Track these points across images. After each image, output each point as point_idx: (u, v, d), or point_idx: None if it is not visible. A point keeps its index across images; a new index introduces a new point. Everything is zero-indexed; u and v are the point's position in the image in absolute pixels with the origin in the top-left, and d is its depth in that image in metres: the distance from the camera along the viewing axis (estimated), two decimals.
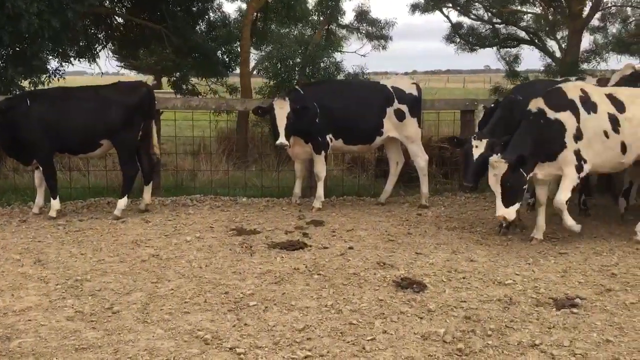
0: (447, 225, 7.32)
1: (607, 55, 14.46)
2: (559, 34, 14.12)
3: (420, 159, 8.43)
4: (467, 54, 15.43)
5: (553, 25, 13.75)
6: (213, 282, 5.36)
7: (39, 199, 7.95)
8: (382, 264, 5.81)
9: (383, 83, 8.64)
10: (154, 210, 8.11)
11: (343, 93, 8.32)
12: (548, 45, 13.90)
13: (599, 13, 13.93)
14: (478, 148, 6.63)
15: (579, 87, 6.56)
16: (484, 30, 15.08)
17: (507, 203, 6.24)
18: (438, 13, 14.69)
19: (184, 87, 14.38)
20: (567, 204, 6.44)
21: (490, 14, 14.32)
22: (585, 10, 12.59)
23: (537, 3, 13.93)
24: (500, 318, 4.59)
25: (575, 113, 6.34)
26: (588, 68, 14.18)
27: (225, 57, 13.94)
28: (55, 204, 7.71)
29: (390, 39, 16.19)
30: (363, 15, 15.98)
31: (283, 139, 7.58)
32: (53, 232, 7.06)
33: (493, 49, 15.00)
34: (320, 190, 8.23)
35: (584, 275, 5.56)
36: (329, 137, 8.11)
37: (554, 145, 6.35)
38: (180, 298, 4.98)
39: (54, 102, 7.65)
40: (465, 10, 14.25)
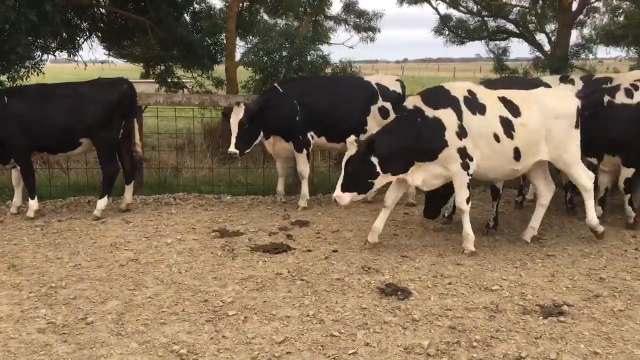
0: (434, 226, 7.20)
1: (595, 48, 14.34)
2: (548, 27, 13.97)
3: None
4: (475, 44, 15.20)
5: (541, 19, 13.58)
6: (192, 288, 5.21)
7: (17, 199, 7.75)
8: (366, 269, 5.68)
9: (367, 79, 8.46)
10: (136, 210, 7.93)
11: (325, 90, 8.14)
12: (537, 39, 13.74)
13: (588, 6, 13.77)
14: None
15: (466, 87, 6.20)
16: (473, 23, 14.92)
17: (344, 187, 5.95)
18: (426, 5, 14.51)
19: (169, 79, 14.10)
20: (469, 203, 6.13)
21: (479, 7, 14.14)
22: (575, 4, 12.45)
23: None
24: (486, 328, 4.48)
25: (457, 111, 5.99)
26: (577, 62, 14.08)
27: (211, 49, 13.65)
28: (33, 204, 7.51)
29: (379, 31, 16.00)
30: (351, 7, 15.76)
31: (232, 148, 7.59)
32: (30, 234, 6.87)
33: (482, 42, 14.90)
34: (305, 189, 8.08)
35: (572, 280, 5.46)
36: (311, 134, 7.95)
37: (433, 144, 6.00)
38: (158, 307, 4.83)
39: (32, 100, 7.43)
40: (454, 3, 14.07)
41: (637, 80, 7.08)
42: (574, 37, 14.17)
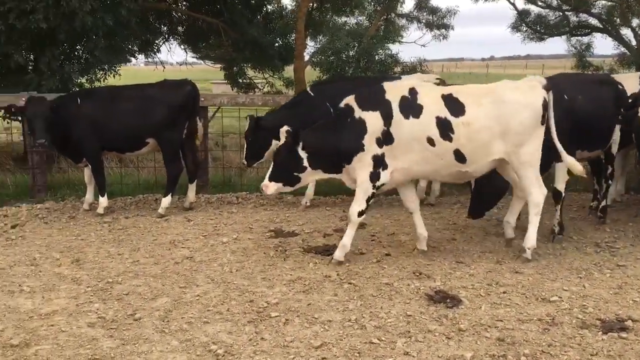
0: (496, 231, 6.90)
1: None
2: (635, 22, 13.12)
3: None
4: (549, 39, 14.55)
5: (627, 12, 12.77)
6: (240, 288, 5.25)
7: (89, 196, 8.10)
8: (418, 274, 5.52)
9: (405, 78, 8.14)
10: (198, 208, 8.11)
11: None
12: (623, 34, 12.93)
13: None
14: None
15: (408, 87, 5.72)
16: (554, 18, 14.23)
17: (271, 176, 5.82)
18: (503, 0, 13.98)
19: (241, 80, 14.39)
20: (361, 217, 5.78)
21: (560, 1, 13.47)
22: None
23: None
24: (538, 341, 4.23)
25: (386, 115, 5.58)
26: None
27: (281, 50, 13.82)
28: (103, 202, 7.84)
29: (452, 28, 15.60)
30: (423, 4, 15.45)
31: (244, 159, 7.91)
32: (97, 229, 7.17)
33: (563, 38, 14.20)
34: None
35: None
36: None
37: (352, 146, 5.65)
38: (204, 305, 4.89)
39: (103, 101, 7.74)
40: None
41: None
42: None
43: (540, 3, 13.83)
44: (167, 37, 15.50)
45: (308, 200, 8.10)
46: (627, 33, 13.12)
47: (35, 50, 9.50)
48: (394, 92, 5.67)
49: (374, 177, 5.64)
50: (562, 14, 14.08)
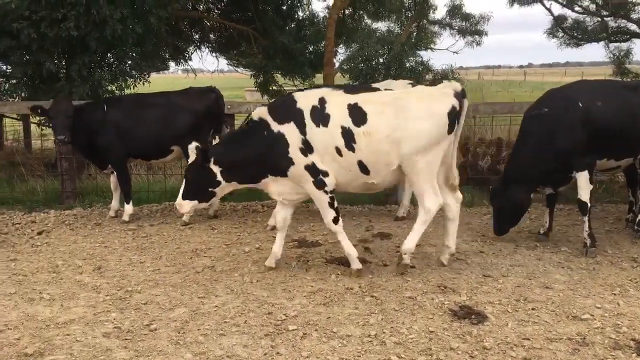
0: (527, 244, 6.66)
1: None
2: None
3: None
4: (588, 46, 14.20)
5: None
6: (260, 299, 5.14)
7: (115, 203, 8.13)
8: (443, 288, 5.33)
9: (375, 85, 7.85)
10: (223, 216, 8.06)
11: None
12: None
13: None
14: None
15: (318, 95, 5.55)
16: (592, 24, 13.82)
17: (184, 195, 5.63)
18: (538, 5, 13.64)
19: (270, 88, 14.37)
20: (338, 225, 5.64)
21: (597, 6, 13.07)
22: None
23: None
24: None
25: (301, 125, 5.44)
26: None
27: (312, 57, 13.76)
28: (129, 209, 7.85)
29: (485, 34, 15.31)
30: (456, 10, 15.20)
31: None
32: (121, 237, 7.17)
33: (601, 44, 13.75)
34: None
35: None
36: None
37: (280, 161, 5.51)
38: (222, 317, 4.80)
39: (129, 108, 7.77)
40: (569, 2, 13.11)
41: None
42: None
43: (578, 8, 13.46)
44: (198, 45, 15.59)
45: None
46: None
47: (67, 58, 9.61)
48: (305, 101, 5.53)
49: (319, 184, 5.51)
50: (600, 20, 13.68)
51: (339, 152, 5.40)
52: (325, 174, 5.48)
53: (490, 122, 10.99)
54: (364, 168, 5.43)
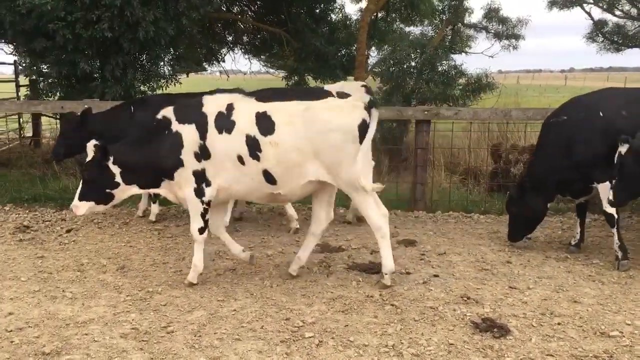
0: (557, 255, 6.46)
1: None
2: None
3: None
4: (630, 52, 13.81)
5: None
6: (278, 304, 5.10)
7: (143, 202, 8.20)
8: (466, 298, 5.20)
9: (327, 88, 7.36)
10: (250, 219, 8.05)
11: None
12: None
13: None
14: None
15: (227, 101, 5.40)
16: (633, 29, 13.40)
17: (81, 196, 5.41)
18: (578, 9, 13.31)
19: None
20: (203, 233, 5.48)
21: (639, 10, 12.68)
22: None
23: None
24: None
25: (202, 129, 5.29)
26: None
27: (344, 60, 13.69)
28: (155, 208, 7.91)
29: (523, 38, 15.00)
30: (492, 14, 14.93)
31: None
32: (147, 237, 7.22)
33: None
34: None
35: None
36: None
37: (170, 161, 5.35)
38: (239, 321, 4.77)
39: (155, 108, 7.80)
40: (610, 6, 12.75)
41: None
42: None
43: (618, 12, 13.09)
44: (232, 46, 15.70)
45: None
46: None
47: (101, 59, 9.76)
48: (212, 105, 5.41)
49: (199, 193, 5.40)
50: None
51: (242, 160, 5.29)
52: (209, 184, 5.40)
53: (524, 127, 10.78)
54: (270, 178, 5.31)
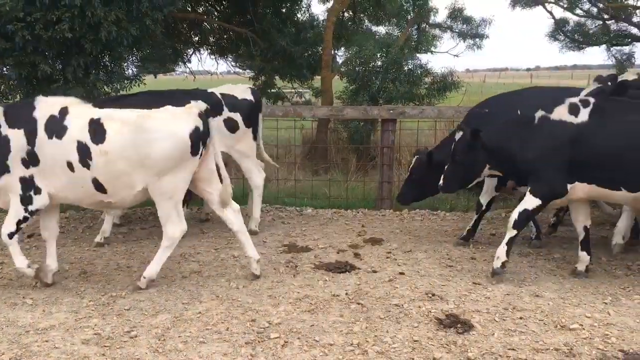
0: (520, 250, 6.56)
1: None
2: None
3: (257, 177, 7.53)
4: (594, 50, 14.09)
5: None
6: (244, 306, 5.07)
7: None
8: (431, 295, 5.25)
9: (212, 90, 7.54)
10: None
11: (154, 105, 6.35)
12: None
13: None
14: None
15: (61, 105, 5.29)
16: (593, 27, 13.71)
17: None
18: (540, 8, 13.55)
19: (269, 91, 14.30)
20: (12, 238, 5.40)
21: (598, 9, 12.97)
22: None
23: None
24: None
25: (31, 133, 5.18)
26: None
27: (311, 60, 13.67)
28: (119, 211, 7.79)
29: (487, 37, 15.19)
30: (457, 13, 15.10)
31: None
32: (111, 240, 7.10)
33: (603, 47, 13.65)
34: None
35: None
36: None
37: None
38: (204, 323, 4.73)
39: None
40: (570, 5, 13.01)
41: None
42: None
43: (579, 11, 13.37)
44: (197, 47, 15.53)
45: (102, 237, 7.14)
46: None
47: (62, 60, 9.55)
48: (44, 109, 5.26)
49: (25, 201, 5.30)
50: (601, 23, 13.58)
51: (71, 167, 5.19)
52: (38, 191, 5.31)
53: None
54: (100, 186, 5.24)
